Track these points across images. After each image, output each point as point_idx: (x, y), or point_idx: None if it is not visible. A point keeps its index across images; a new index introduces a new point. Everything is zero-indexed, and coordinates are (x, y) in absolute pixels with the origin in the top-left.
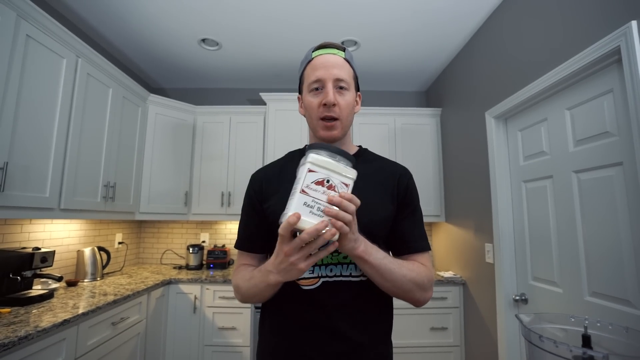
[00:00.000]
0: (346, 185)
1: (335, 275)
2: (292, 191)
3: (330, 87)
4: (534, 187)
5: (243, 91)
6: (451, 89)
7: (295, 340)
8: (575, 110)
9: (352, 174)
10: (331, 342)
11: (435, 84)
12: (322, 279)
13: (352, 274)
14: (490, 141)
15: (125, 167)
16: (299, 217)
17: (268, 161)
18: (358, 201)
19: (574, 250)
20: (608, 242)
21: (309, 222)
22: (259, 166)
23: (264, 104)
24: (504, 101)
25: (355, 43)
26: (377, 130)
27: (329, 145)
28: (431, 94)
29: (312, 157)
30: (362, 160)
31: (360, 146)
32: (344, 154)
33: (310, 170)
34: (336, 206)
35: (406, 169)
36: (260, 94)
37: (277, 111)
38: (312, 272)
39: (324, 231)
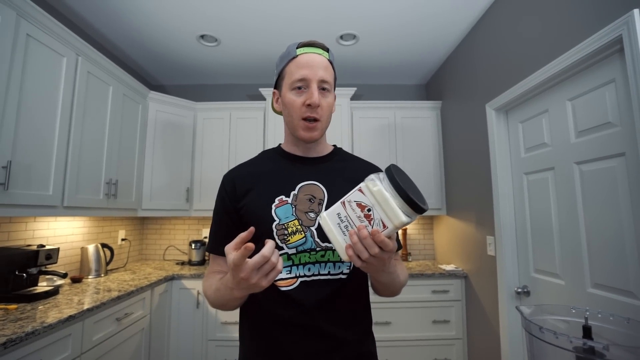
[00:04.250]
0: (385, 226)
1: (313, 275)
2: (342, 197)
3: (315, 87)
4: (535, 179)
5: (242, 87)
6: (451, 82)
7: (277, 340)
8: (576, 101)
9: (399, 220)
10: (312, 340)
11: (435, 77)
12: (299, 279)
13: (331, 272)
14: (491, 133)
15: (126, 164)
16: (272, 249)
17: None
18: (391, 247)
19: (576, 242)
20: (610, 234)
21: (333, 232)
22: None
23: (264, 99)
24: (505, 93)
25: (354, 37)
26: (376, 124)
27: (405, 178)
28: (431, 87)
29: (371, 181)
30: (338, 159)
31: (335, 145)
32: (408, 200)
33: (360, 190)
34: (360, 240)
35: (380, 168)
36: (260, 89)
37: None
38: (290, 273)
39: (273, 258)
